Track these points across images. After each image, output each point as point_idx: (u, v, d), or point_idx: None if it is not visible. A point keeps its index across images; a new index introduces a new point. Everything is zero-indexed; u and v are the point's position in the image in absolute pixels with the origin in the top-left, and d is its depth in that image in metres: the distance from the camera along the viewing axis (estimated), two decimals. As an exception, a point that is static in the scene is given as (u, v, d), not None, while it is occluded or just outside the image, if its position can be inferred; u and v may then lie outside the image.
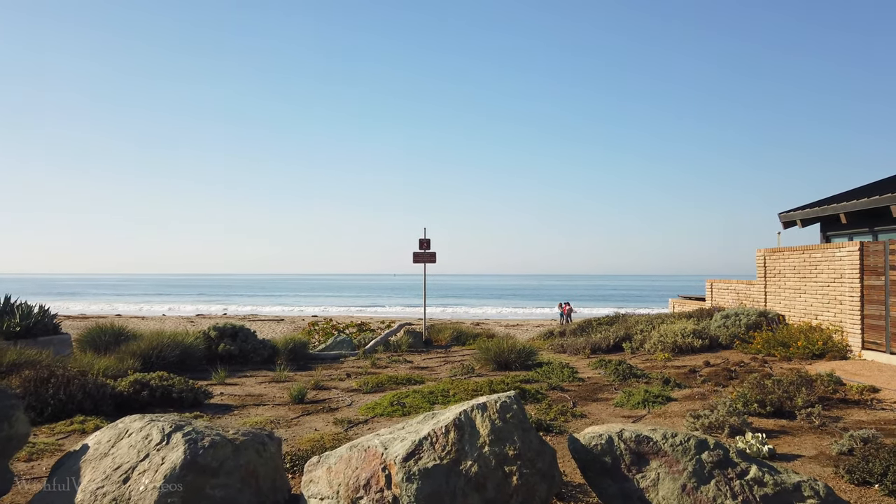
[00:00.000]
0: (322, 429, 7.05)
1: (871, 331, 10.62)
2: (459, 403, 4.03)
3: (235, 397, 9.00)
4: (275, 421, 7.38)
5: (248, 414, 7.88)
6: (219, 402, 8.58)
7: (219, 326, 12.34)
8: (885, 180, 16.31)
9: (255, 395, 9.23)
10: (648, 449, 3.58)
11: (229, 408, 8.23)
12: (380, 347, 14.89)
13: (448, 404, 8.21)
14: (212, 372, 10.58)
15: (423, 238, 16.89)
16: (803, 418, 6.69)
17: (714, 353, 12.38)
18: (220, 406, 8.33)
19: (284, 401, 8.72)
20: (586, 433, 3.83)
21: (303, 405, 8.43)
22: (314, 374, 11.08)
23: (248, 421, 7.34)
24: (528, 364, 11.67)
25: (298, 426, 7.21)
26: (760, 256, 14.32)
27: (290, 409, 8.16)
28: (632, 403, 8.10)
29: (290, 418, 7.59)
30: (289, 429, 7.06)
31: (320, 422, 7.42)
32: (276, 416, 7.68)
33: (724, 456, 3.49)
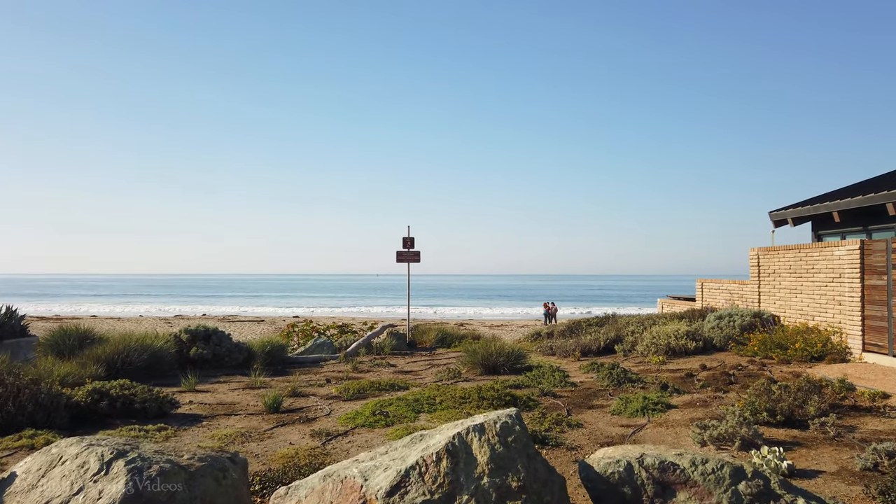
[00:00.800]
0: (297, 442, 6.47)
1: (873, 332, 10.23)
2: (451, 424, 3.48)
3: (205, 406, 8.37)
4: (246, 434, 6.77)
5: (217, 425, 7.26)
6: (187, 412, 7.94)
7: (190, 329, 11.67)
8: (879, 178, 16.03)
9: (227, 403, 8.61)
10: (675, 478, 3.06)
11: (198, 418, 7.60)
12: (362, 350, 14.29)
13: (435, 412, 7.66)
14: (182, 378, 9.92)
15: (407, 237, 16.32)
16: (816, 428, 6.23)
17: (708, 355, 11.94)
18: (188, 416, 7.71)
19: (258, 410, 8.11)
20: (600, 458, 3.30)
21: (278, 414, 7.83)
22: (292, 379, 10.48)
23: (217, 434, 6.73)
24: (517, 367, 11.16)
25: (272, 439, 6.61)
26: (754, 255, 13.94)
27: (263, 420, 7.56)
28: (630, 411, 7.60)
29: (264, 430, 7.00)
30: (261, 442, 6.47)
31: (296, 434, 6.83)
32: (248, 428, 7.08)
33: (766, 487, 2.98)
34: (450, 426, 3.41)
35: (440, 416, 7.42)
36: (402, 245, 16.35)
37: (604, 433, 6.70)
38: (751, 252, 14.06)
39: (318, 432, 6.79)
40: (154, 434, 6.65)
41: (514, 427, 3.20)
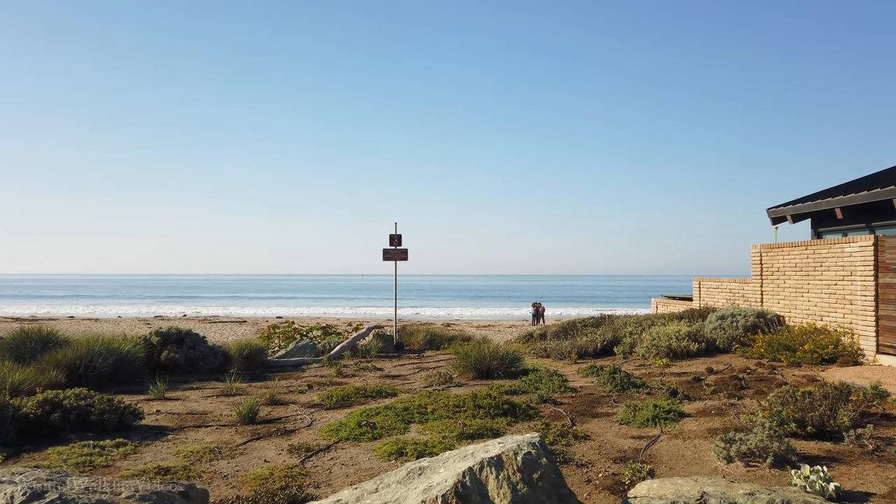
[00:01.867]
0: (274, 459, 5.74)
1: (888, 333, 9.68)
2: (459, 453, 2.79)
3: (173, 416, 7.61)
4: (216, 449, 6.03)
5: (184, 439, 6.51)
6: (152, 424, 7.18)
7: (161, 331, 10.87)
8: (883, 173, 15.57)
9: (198, 412, 7.85)
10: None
11: (163, 431, 6.85)
12: (346, 353, 13.55)
13: (426, 423, 6.97)
14: (151, 384, 9.14)
15: (394, 234, 15.60)
16: (852, 441, 5.61)
17: (712, 357, 11.36)
18: (153, 429, 6.95)
19: (232, 420, 7.37)
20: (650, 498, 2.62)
21: (253, 426, 7.09)
22: (270, 385, 9.72)
23: (182, 450, 5.98)
24: (512, 371, 10.49)
25: (245, 455, 5.88)
26: (756, 253, 13.38)
27: (237, 432, 6.82)
28: (639, 420, 6.96)
29: (236, 444, 6.26)
30: (232, 460, 5.73)
31: (272, 449, 6.10)
32: (219, 442, 6.34)
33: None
34: (456, 456, 2.72)
35: (432, 427, 6.73)
36: (389, 242, 15.63)
37: (615, 447, 6.05)
38: (752, 249, 13.51)
39: (297, 447, 6.07)
40: (111, 451, 5.90)
41: (540, 459, 2.53)
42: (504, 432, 6.62)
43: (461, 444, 6.15)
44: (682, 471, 5.24)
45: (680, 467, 5.33)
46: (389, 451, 5.76)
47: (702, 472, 5.20)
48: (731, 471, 5.15)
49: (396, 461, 5.58)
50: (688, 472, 5.22)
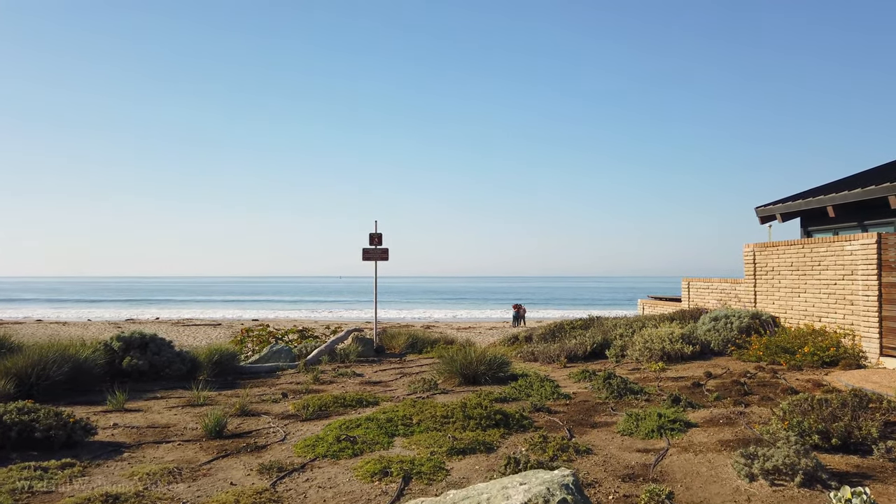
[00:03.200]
0: (241, 481, 5.09)
1: (892, 335, 9.28)
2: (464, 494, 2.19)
3: (132, 431, 6.90)
4: (176, 470, 5.35)
5: (142, 458, 5.82)
6: (107, 440, 6.47)
7: (124, 336, 10.10)
8: (876, 169, 15.28)
9: (160, 426, 7.14)
10: None
11: (119, 448, 6.14)
12: (324, 357, 12.86)
13: (412, 436, 6.35)
14: (110, 394, 8.39)
15: (374, 232, 14.95)
16: (882, 454, 5.11)
17: (708, 360, 10.89)
18: (108, 445, 6.24)
19: (197, 435, 6.68)
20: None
21: (220, 441, 6.42)
22: (241, 393, 9.03)
23: (138, 471, 5.29)
24: (500, 377, 9.91)
25: (209, 477, 5.22)
26: (749, 252, 12.97)
27: (201, 448, 6.15)
28: (643, 431, 6.41)
29: (200, 463, 5.59)
30: (193, 482, 5.06)
31: (240, 468, 5.44)
32: (181, 461, 5.66)
33: None
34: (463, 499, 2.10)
35: (419, 441, 6.11)
36: (369, 242, 14.97)
37: (621, 462, 5.49)
38: (745, 248, 13.10)
39: (268, 466, 5.41)
40: (55, 473, 5.19)
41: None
42: (498, 446, 6.03)
43: (451, 460, 5.55)
44: (701, 491, 4.70)
45: (697, 487, 4.79)
46: (373, 471, 5.13)
47: (722, 492, 4.65)
48: (754, 490, 4.61)
49: (381, 482, 4.96)
50: (706, 492, 4.67)
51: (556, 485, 2.01)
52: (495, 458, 5.60)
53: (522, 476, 2.22)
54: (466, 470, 5.29)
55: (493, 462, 5.49)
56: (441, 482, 4.96)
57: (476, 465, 5.41)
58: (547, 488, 1.99)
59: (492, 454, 5.76)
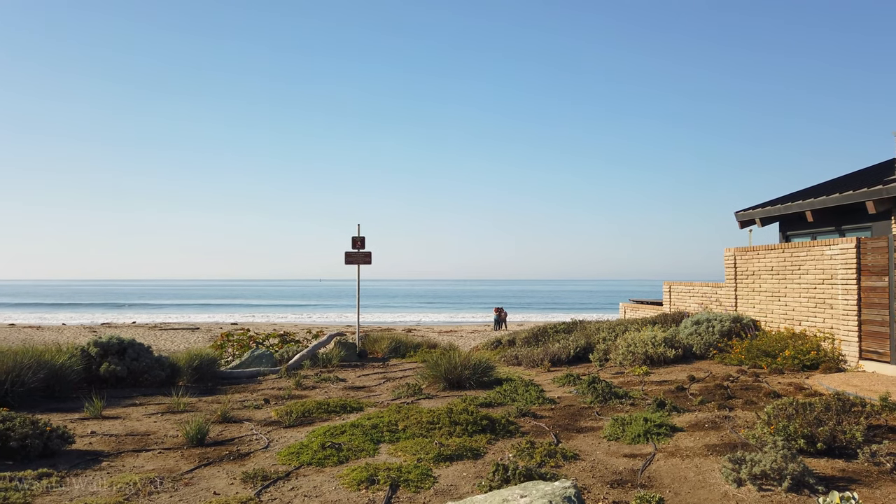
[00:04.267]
0: (224, 491, 4.98)
1: (871, 339, 9.40)
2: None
3: (110, 439, 6.74)
4: (157, 480, 5.23)
5: (121, 467, 5.69)
6: (85, 448, 6.31)
7: (101, 341, 9.89)
8: (853, 175, 15.51)
9: (140, 433, 6.99)
10: None
11: (97, 457, 6.00)
12: (306, 362, 12.73)
13: (398, 442, 6.29)
14: (88, 401, 8.21)
15: (357, 236, 14.85)
16: (867, 458, 5.15)
17: (690, 364, 10.95)
18: (86, 454, 6.08)
19: (177, 442, 6.55)
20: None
21: (202, 449, 6.30)
22: (223, 399, 8.89)
23: (117, 481, 5.16)
24: (485, 381, 9.88)
25: (190, 486, 5.10)
26: (730, 256, 13.08)
27: (182, 456, 6.02)
28: (630, 436, 6.40)
29: (181, 472, 5.47)
30: (175, 493, 4.95)
31: (223, 477, 5.33)
32: (162, 470, 5.53)
33: None
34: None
35: (405, 448, 6.05)
36: (352, 245, 14.87)
37: (608, 467, 5.47)
38: (726, 253, 13.21)
39: (251, 475, 5.31)
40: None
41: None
42: (485, 452, 5.99)
43: (439, 467, 5.50)
44: (689, 496, 4.69)
45: (686, 492, 4.78)
46: (359, 479, 5.06)
47: (711, 497, 4.65)
48: (743, 496, 4.62)
49: (367, 490, 4.88)
50: (695, 497, 4.67)
51: (559, 497, 1.96)
52: (483, 465, 5.55)
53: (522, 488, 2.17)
54: (454, 477, 5.23)
55: (480, 469, 5.44)
56: (429, 490, 4.90)
57: (464, 472, 5.35)
58: (549, 501, 1.94)
59: (479, 460, 5.71)
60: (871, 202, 12.24)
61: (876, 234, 12.84)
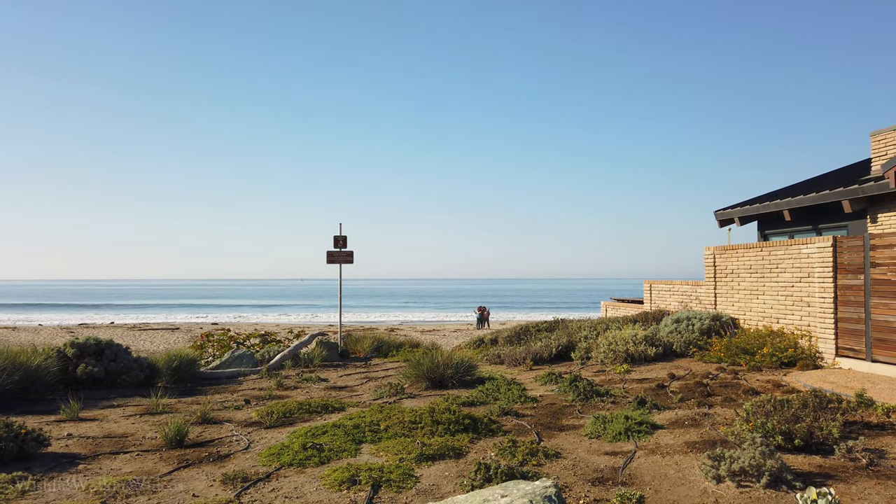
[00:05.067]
0: (204, 492, 4.93)
1: (848, 336, 9.54)
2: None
3: (88, 441, 6.64)
4: (135, 482, 5.15)
5: (98, 469, 5.60)
6: (61, 451, 6.21)
7: (78, 342, 9.74)
8: (829, 175, 15.74)
9: (118, 435, 6.89)
10: None
11: (74, 459, 5.90)
12: (287, 362, 12.65)
13: (380, 442, 6.26)
14: (64, 403, 8.08)
15: (339, 235, 14.78)
16: (843, 454, 5.22)
17: (670, 362, 11.05)
18: (62, 457, 5.99)
19: (156, 444, 6.46)
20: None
21: (181, 450, 6.22)
22: (203, 400, 8.80)
23: (94, 484, 5.08)
24: (467, 380, 9.88)
25: (169, 489, 5.03)
26: (710, 255, 13.21)
27: (161, 458, 5.94)
28: (611, 434, 6.43)
29: (160, 474, 5.40)
30: (153, 495, 4.88)
31: (203, 479, 5.27)
32: (140, 473, 5.46)
33: None
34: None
35: (387, 448, 6.02)
36: (334, 244, 14.79)
37: (590, 465, 5.49)
38: (706, 251, 13.34)
39: (231, 476, 5.25)
40: (5, 487, 4.95)
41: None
42: (467, 451, 5.98)
43: (421, 467, 5.48)
44: (669, 493, 4.72)
45: (666, 489, 4.81)
46: (340, 479, 5.03)
47: (691, 494, 4.69)
48: (722, 492, 4.66)
49: (349, 491, 4.85)
50: (675, 494, 4.70)
51: (539, 497, 1.96)
52: (465, 464, 5.54)
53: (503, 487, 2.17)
54: (436, 477, 5.22)
55: (462, 468, 5.44)
56: (411, 490, 4.89)
57: (446, 472, 5.34)
58: (530, 501, 1.94)
59: (461, 460, 5.71)
60: (847, 201, 12.45)
61: (852, 232, 13.05)
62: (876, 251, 9.07)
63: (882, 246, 8.99)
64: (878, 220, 12.37)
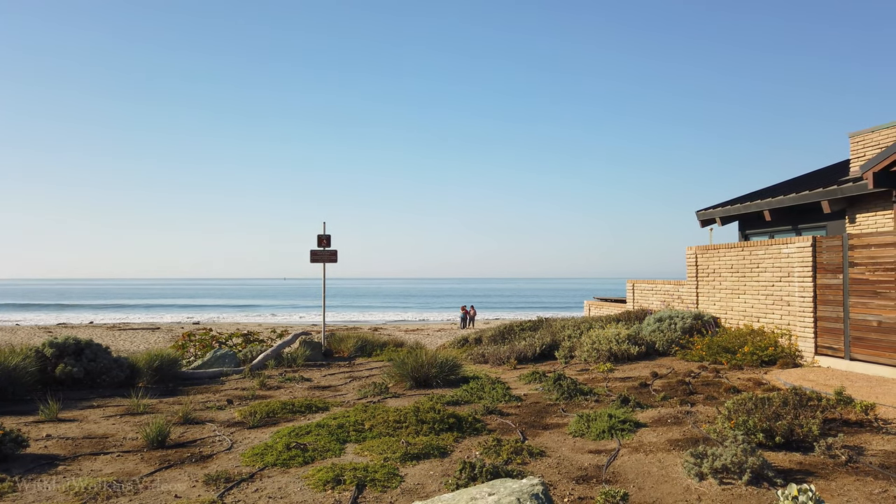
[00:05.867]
0: (186, 493, 4.88)
1: (827, 334, 9.67)
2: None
3: (67, 442, 6.55)
4: (116, 483, 5.09)
5: (78, 471, 5.52)
6: (40, 452, 6.12)
7: (57, 342, 9.60)
8: (809, 175, 15.96)
9: (98, 436, 6.80)
10: None
11: (53, 461, 5.81)
12: (270, 362, 12.56)
13: (365, 441, 6.24)
14: (43, 404, 7.96)
15: (323, 234, 14.71)
16: (823, 451, 5.29)
17: (653, 360, 11.13)
18: (41, 458, 5.90)
19: (137, 445, 6.39)
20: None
21: (163, 451, 6.15)
22: (184, 400, 8.71)
23: (74, 486, 5.00)
24: (451, 379, 9.88)
25: (151, 490, 4.98)
26: (692, 254, 13.33)
27: (143, 459, 5.87)
28: (594, 432, 6.46)
29: (142, 475, 5.33)
30: (135, 496, 4.82)
31: (185, 480, 5.22)
32: (121, 474, 5.39)
33: None
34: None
35: (372, 447, 6.00)
36: (317, 243, 14.72)
37: (574, 463, 5.52)
38: (688, 251, 13.46)
39: (214, 477, 5.21)
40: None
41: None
42: (452, 450, 5.98)
43: (405, 466, 5.47)
44: (653, 490, 4.76)
45: (649, 487, 4.85)
46: (325, 479, 5.00)
47: (674, 491, 4.72)
48: (704, 490, 4.70)
49: (333, 491, 4.83)
50: (658, 491, 4.74)
51: (526, 494, 1.97)
52: (450, 463, 5.54)
53: (490, 486, 2.17)
54: (421, 476, 5.21)
55: (447, 467, 5.44)
56: (396, 489, 4.88)
57: (431, 471, 5.34)
58: (517, 499, 1.94)
59: (446, 459, 5.71)
60: (826, 202, 12.63)
61: (831, 232, 13.24)
62: (854, 251, 9.20)
63: (860, 246, 9.12)
64: (856, 220, 12.56)
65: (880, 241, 8.79)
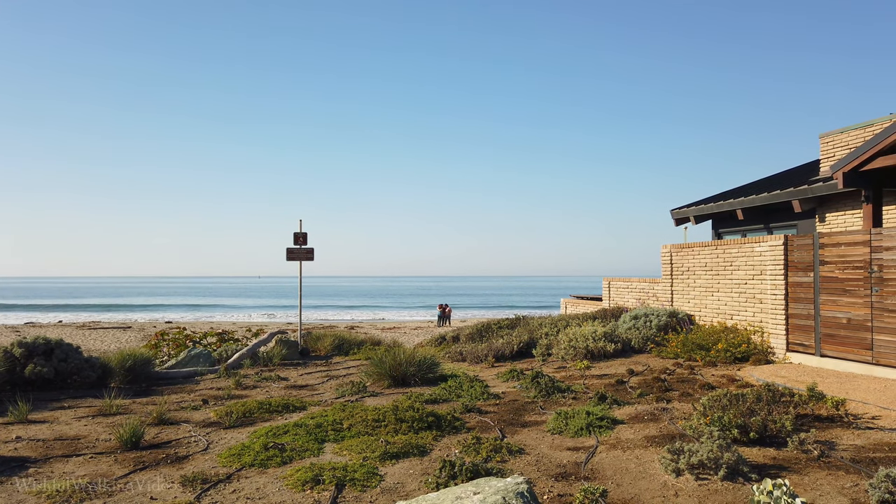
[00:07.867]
0: (162, 496, 4.80)
1: (798, 331, 9.86)
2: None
3: (38, 444, 6.41)
4: (89, 486, 4.99)
5: (50, 473, 5.41)
6: (9, 455, 5.98)
7: (26, 342, 9.39)
8: (780, 175, 16.24)
9: (70, 438, 6.67)
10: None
11: (23, 463, 5.69)
12: (246, 361, 12.43)
13: (343, 441, 6.21)
14: (11, 405, 7.78)
15: (299, 232, 14.59)
16: (796, 446, 5.39)
17: (629, 357, 11.24)
18: (10, 461, 5.76)
19: (111, 446, 6.27)
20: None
21: (137, 452, 6.05)
22: (159, 401, 8.58)
23: (46, 489, 4.90)
24: (430, 378, 9.88)
25: (126, 492, 4.89)
26: (666, 253, 13.49)
27: (116, 461, 5.77)
28: (573, 429, 6.51)
29: (115, 477, 5.24)
30: (109, 498, 4.74)
31: (160, 482, 5.14)
32: (94, 476, 5.29)
33: None
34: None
35: (351, 447, 5.97)
36: (294, 241, 14.60)
37: (553, 461, 5.55)
38: (662, 249, 13.61)
39: (191, 478, 5.14)
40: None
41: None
42: (431, 449, 5.98)
43: (385, 465, 5.45)
44: (631, 487, 4.80)
45: (628, 483, 4.89)
46: (304, 479, 4.96)
47: (651, 487, 4.78)
48: (681, 485, 4.76)
49: (312, 491, 4.80)
50: (636, 487, 4.79)
51: (512, 493, 1.97)
52: (429, 462, 5.54)
53: (475, 485, 2.17)
54: (401, 475, 5.20)
55: (427, 466, 5.43)
56: (375, 488, 4.86)
57: (410, 470, 5.33)
58: (503, 497, 1.94)
59: (426, 457, 5.70)
60: (797, 201, 12.87)
61: (801, 231, 13.50)
62: (824, 249, 9.39)
63: (830, 245, 9.31)
64: (826, 219, 12.82)
65: (850, 239, 8.99)
